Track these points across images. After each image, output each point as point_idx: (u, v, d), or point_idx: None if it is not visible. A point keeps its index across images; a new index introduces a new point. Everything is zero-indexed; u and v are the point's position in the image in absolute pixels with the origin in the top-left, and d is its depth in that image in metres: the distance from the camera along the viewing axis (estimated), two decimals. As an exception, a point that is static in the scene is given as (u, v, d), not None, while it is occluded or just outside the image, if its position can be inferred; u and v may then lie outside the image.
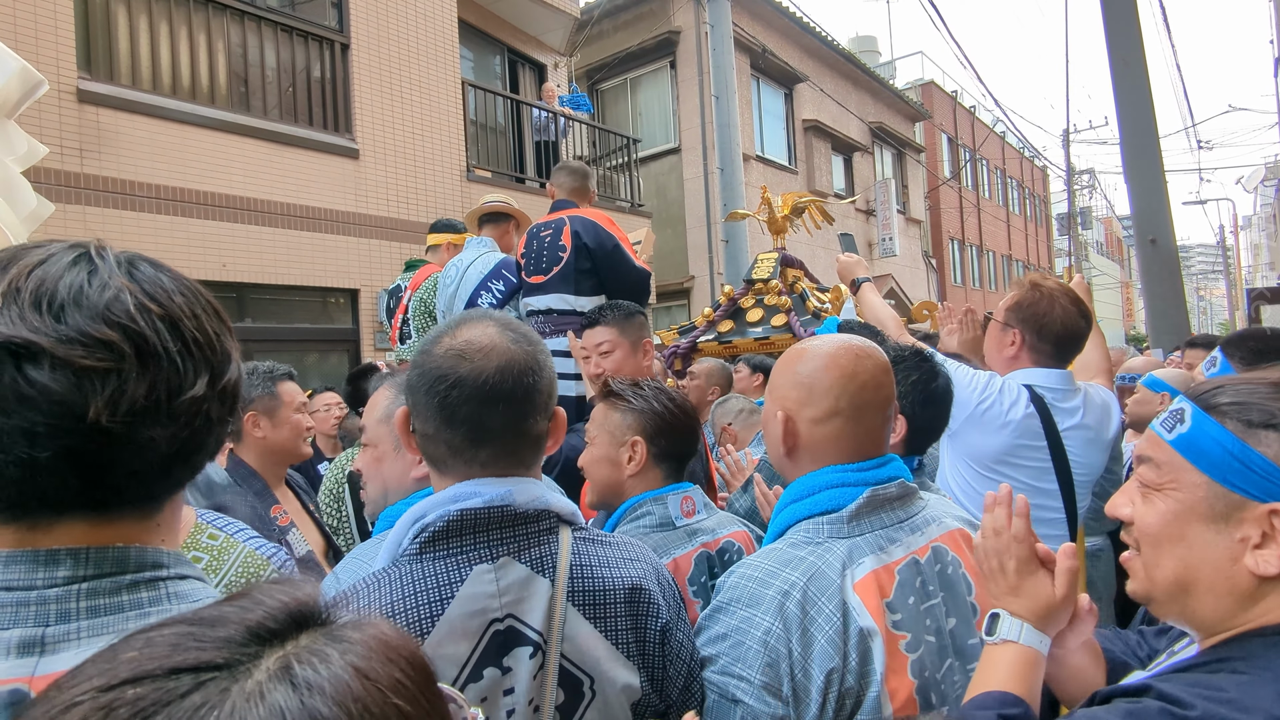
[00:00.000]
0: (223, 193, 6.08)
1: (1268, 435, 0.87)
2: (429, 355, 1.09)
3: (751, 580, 1.15)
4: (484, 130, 8.94)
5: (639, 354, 2.48)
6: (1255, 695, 0.80)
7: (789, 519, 1.24)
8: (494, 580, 1.04)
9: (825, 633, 1.09)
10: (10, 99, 2.29)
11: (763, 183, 8.98)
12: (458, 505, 1.06)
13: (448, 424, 1.07)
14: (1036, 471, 2.08)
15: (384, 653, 0.46)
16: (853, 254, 2.87)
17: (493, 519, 1.07)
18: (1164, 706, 0.82)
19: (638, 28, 12.94)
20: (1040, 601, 1.07)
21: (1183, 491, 0.93)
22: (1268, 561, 0.86)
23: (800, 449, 1.26)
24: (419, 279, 4.16)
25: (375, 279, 6.94)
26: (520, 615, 1.05)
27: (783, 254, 5.74)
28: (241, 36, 6.46)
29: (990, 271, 25.58)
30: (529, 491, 1.10)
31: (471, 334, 1.09)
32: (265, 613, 0.46)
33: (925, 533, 1.26)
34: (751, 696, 1.06)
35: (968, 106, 25.29)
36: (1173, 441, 0.95)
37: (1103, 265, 42.50)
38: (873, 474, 1.24)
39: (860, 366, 1.25)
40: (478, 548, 1.05)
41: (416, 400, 1.10)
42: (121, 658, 0.43)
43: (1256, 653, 0.85)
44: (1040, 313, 2.10)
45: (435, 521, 1.05)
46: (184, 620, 0.46)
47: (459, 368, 1.06)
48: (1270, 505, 0.86)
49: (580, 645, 1.08)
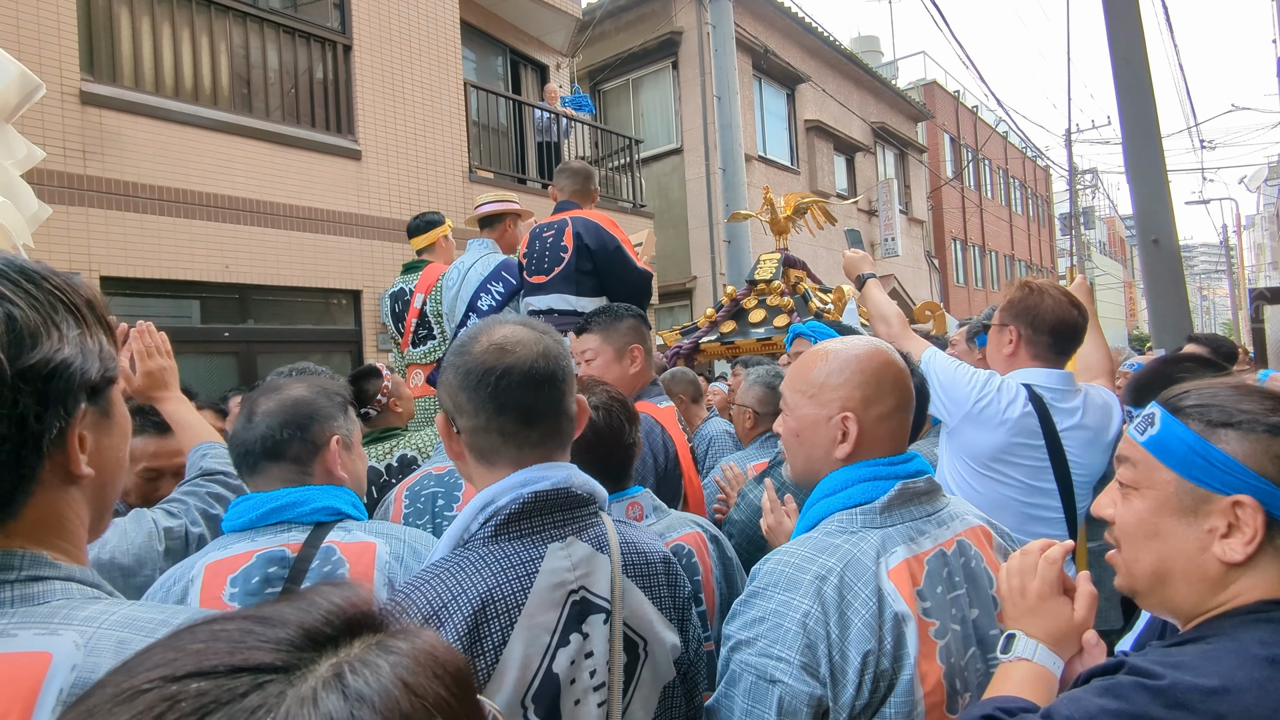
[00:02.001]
0: (225, 194, 6.09)
1: (1227, 433, 0.95)
2: (470, 355, 1.18)
3: (789, 565, 1.19)
4: (486, 131, 8.95)
5: (624, 361, 2.43)
6: (1216, 661, 0.88)
7: (822, 512, 1.28)
8: (567, 556, 1.15)
9: (862, 616, 1.13)
10: (9, 103, 2.31)
11: (765, 183, 8.99)
12: (529, 488, 1.15)
13: (500, 412, 1.16)
14: (1034, 470, 2.09)
15: (431, 667, 0.47)
16: (859, 249, 2.86)
17: (559, 501, 1.18)
18: (1136, 680, 0.89)
19: (640, 28, 12.95)
20: (1059, 624, 1.11)
21: (1155, 489, 1.02)
22: (1233, 549, 0.94)
23: (862, 448, 1.28)
24: (427, 280, 4.09)
25: (378, 280, 6.95)
26: (590, 587, 1.15)
27: (785, 254, 5.74)
28: (244, 38, 6.48)
29: (993, 271, 25.55)
30: (579, 475, 1.23)
31: (505, 331, 1.21)
32: (322, 616, 0.47)
33: (950, 527, 1.30)
34: (791, 676, 1.09)
35: (970, 106, 25.27)
36: (1145, 443, 1.03)
37: (1105, 265, 42.45)
38: (902, 468, 1.29)
39: (899, 362, 1.34)
40: (548, 528, 1.16)
41: (462, 399, 1.18)
42: (188, 649, 0.44)
43: (1223, 630, 0.93)
44: (1032, 306, 2.17)
45: (510, 504, 1.14)
46: (247, 616, 0.47)
47: (504, 359, 1.16)
48: (1233, 497, 0.94)
49: (636, 612, 1.20)
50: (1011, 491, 2.09)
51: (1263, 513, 0.92)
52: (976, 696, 1.17)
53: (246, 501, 1.50)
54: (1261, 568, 0.93)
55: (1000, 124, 25.52)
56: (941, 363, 2.21)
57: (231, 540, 1.47)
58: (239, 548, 1.44)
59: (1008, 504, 2.05)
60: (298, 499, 1.47)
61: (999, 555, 1.32)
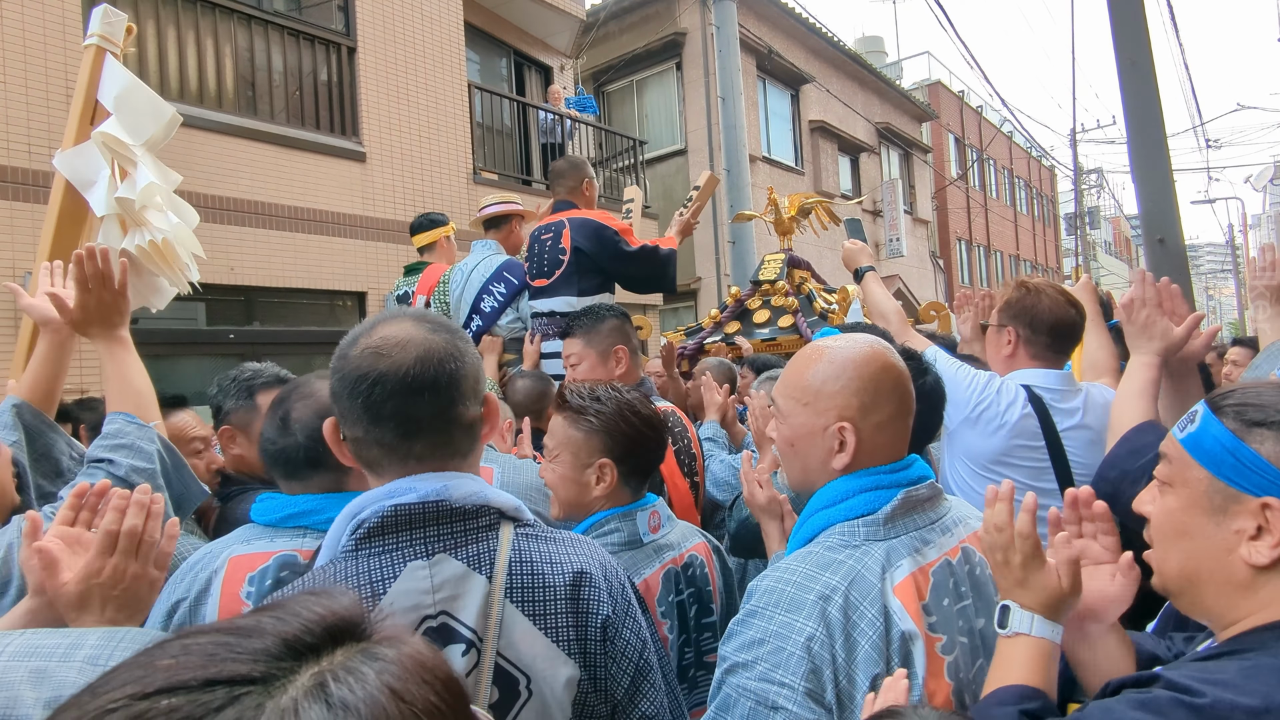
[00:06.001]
0: (230, 196, 6.11)
1: (1262, 433, 0.92)
2: (346, 359, 1.08)
3: (789, 585, 1.12)
4: (490, 133, 8.96)
5: (609, 363, 2.41)
6: (1258, 679, 0.83)
7: (820, 524, 1.21)
8: (428, 577, 1.04)
9: (869, 638, 1.07)
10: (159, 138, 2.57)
11: (769, 184, 8.98)
12: (392, 501, 1.06)
13: (375, 423, 1.06)
14: (1034, 471, 2.08)
15: (419, 673, 0.45)
16: (859, 240, 2.83)
17: (428, 515, 1.07)
18: (1174, 695, 0.85)
19: (643, 29, 12.95)
20: (1048, 593, 1.09)
21: (1188, 487, 0.99)
22: (1259, 552, 0.90)
23: (861, 457, 1.21)
24: (428, 281, 4.11)
25: (382, 282, 6.95)
26: (454, 612, 1.04)
27: (789, 255, 5.73)
28: (248, 40, 6.50)
29: (998, 272, 25.47)
30: (466, 486, 1.10)
31: (385, 331, 1.09)
32: (301, 625, 0.45)
33: (954, 533, 1.25)
34: (794, 704, 1.03)
35: (974, 106, 25.22)
36: (1182, 440, 1.01)
37: (1111, 265, 42.27)
38: (903, 475, 1.22)
39: (899, 364, 1.26)
40: (414, 544, 1.05)
41: (342, 406, 1.09)
42: (158, 664, 0.42)
43: (1264, 644, 0.88)
44: (1028, 305, 2.17)
45: (370, 518, 1.05)
46: (220, 629, 0.45)
47: (378, 365, 1.05)
48: (1263, 499, 0.90)
49: (518, 643, 1.07)
50: None
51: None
52: None
53: (273, 500, 1.51)
54: None
55: (1005, 124, 25.45)
56: (942, 364, 2.20)
57: (257, 534, 1.47)
58: (261, 545, 1.44)
59: None
60: (315, 506, 1.48)
61: None
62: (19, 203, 4.99)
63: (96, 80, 2.40)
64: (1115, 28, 6.30)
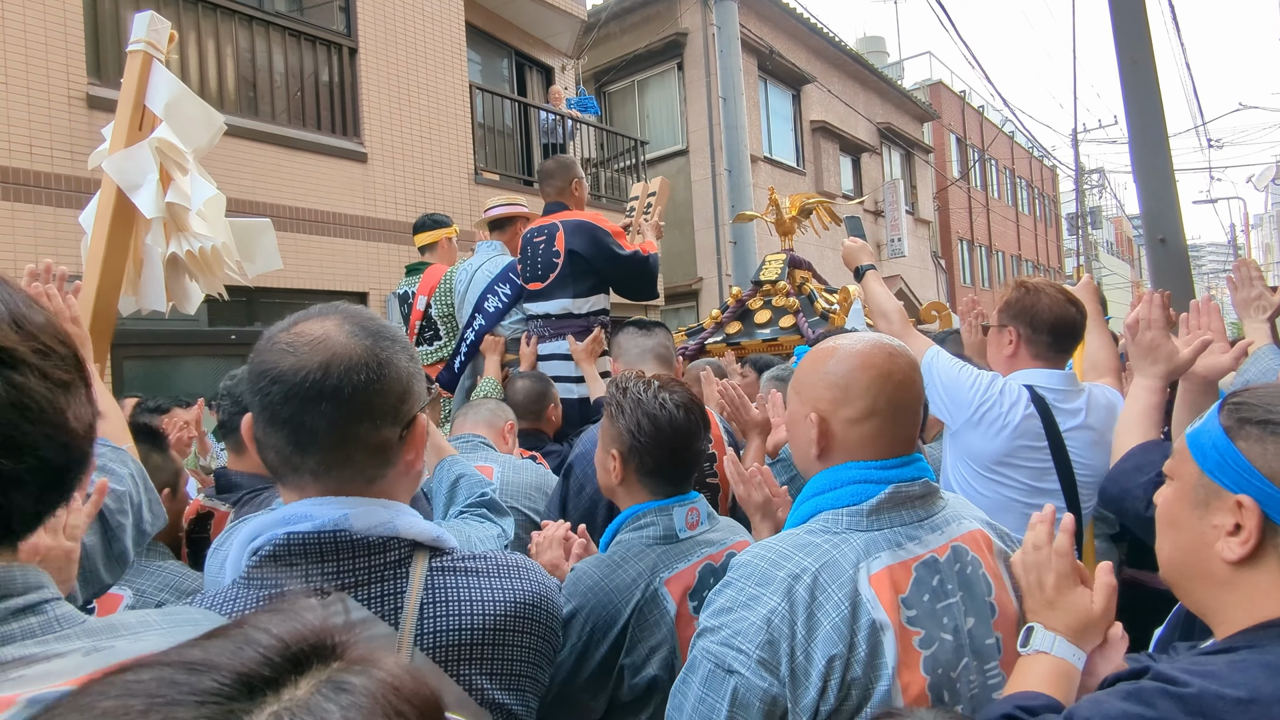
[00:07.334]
0: (232, 197, 6.02)
1: (1249, 431, 0.95)
2: (259, 350, 0.98)
3: (764, 560, 1.17)
4: (492, 133, 8.97)
5: None
6: (1244, 671, 0.86)
7: (811, 511, 1.26)
8: None
9: (831, 619, 1.11)
10: (203, 146, 2.56)
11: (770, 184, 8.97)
12: (285, 529, 0.95)
13: (271, 425, 0.95)
14: (1036, 472, 2.08)
15: (393, 703, 0.41)
16: (859, 238, 2.81)
17: (325, 547, 0.94)
18: (1161, 686, 0.88)
19: (645, 30, 12.95)
20: (1077, 616, 1.11)
21: (1182, 480, 1.03)
22: (1230, 548, 0.94)
23: (834, 450, 1.26)
24: (429, 281, 4.12)
25: (384, 282, 6.96)
26: None
27: (790, 255, 5.72)
28: (249, 41, 6.50)
29: (1000, 272, 25.46)
30: (372, 516, 0.98)
31: (306, 326, 0.98)
32: (258, 655, 0.41)
33: (945, 532, 1.26)
34: (747, 669, 1.08)
35: (976, 106, 25.20)
36: (1188, 434, 1.05)
37: (1113, 265, 42.22)
38: (897, 472, 1.24)
39: (894, 365, 1.26)
40: (309, 579, 0.93)
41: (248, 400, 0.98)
42: (96, 708, 0.38)
43: (1254, 641, 0.91)
44: (1029, 305, 2.16)
45: (264, 545, 0.95)
46: (168, 663, 0.40)
47: (280, 362, 0.94)
48: (1238, 496, 0.93)
49: None
50: (1014, 493, 2.08)
51: (1259, 514, 0.92)
52: (974, 707, 1.15)
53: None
54: (1267, 570, 0.92)
55: (1006, 124, 25.42)
56: (944, 364, 2.20)
57: None
58: None
59: (1010, 505, 2.04)
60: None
61: (999, 559, 1.29)
62: (19, 203, 5.00)
63: (144, 86, 2.40)
64: (1116, 27, 6.29)
